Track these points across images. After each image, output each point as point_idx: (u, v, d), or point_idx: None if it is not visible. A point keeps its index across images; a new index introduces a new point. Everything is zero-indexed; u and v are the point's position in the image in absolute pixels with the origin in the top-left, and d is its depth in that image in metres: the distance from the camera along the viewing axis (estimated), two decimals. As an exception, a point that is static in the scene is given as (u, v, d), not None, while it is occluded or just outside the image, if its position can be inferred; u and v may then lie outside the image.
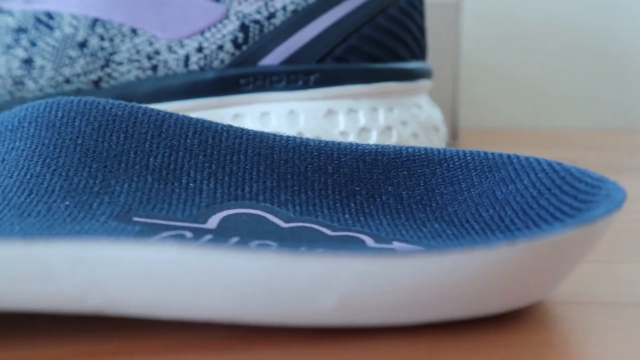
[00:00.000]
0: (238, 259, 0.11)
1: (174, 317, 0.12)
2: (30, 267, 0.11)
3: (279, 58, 0.29)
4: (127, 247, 0.11)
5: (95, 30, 0.29)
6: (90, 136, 0.20)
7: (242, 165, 0.20)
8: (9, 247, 0.11)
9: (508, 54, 0.54)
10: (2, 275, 0.11)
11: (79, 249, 0.11)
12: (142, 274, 0.11)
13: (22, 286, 0.11)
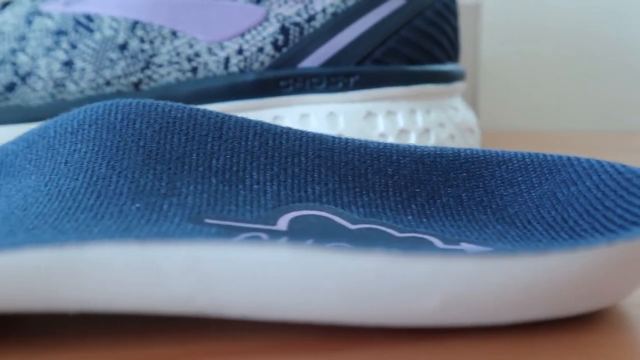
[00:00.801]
0: (350, 260, 0.11)
1: (276, 319, 0.12)
2: (143, 268, 0.11)
3: (318, 60, 0.29)
4: (240, 248, 0.11)
5: (135, 33, 0.29)
6: (151, 138, 0.20)
7: (304, 167, 0.20)
8: (124, 249, 0.11)
9: (527, 55, 0.54)
10: (116, 277, 0.11)
11: (193, 251, 0.11)
12: (252, 276, 0.11)
13: (133, 288, 0.12)
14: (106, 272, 0.12)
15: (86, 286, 0.12)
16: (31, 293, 0.12)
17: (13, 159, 0.21)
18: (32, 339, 0.14)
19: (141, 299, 0.12)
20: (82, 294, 0.12)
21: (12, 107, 0.28)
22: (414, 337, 0.13)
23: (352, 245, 0.17)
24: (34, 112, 0.28)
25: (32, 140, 0.21)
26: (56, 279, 0.12)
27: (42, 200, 0.18)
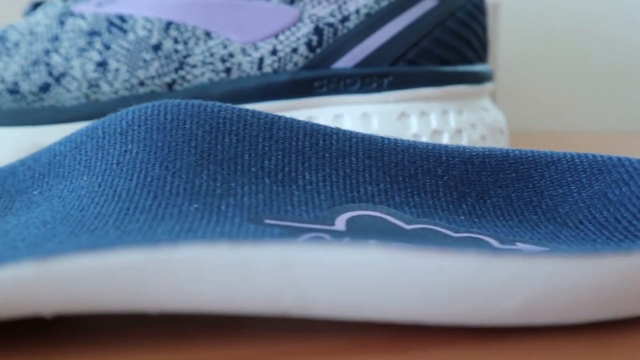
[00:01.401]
0: (438, 260, 0.11)
1: (358, 318, 0.12)
2: (233, 269, 0.11)
3: (352, 61, 0.29)
4: (329, 249, 0.11)
5: (169, 33, 0.29)
6: (202, 139, 0.20)
7: (355, 168, 0.20)
8: (216, 250, 0.11)
9: (544, 56, 0.54)
10: (207, 277, 0.11)
11: (284, 252, 0.11)
12: (341, 275, 0.12)
13: (221, 288, 0.12)
14: (197, 272, 0.12)
15: (177, 287, 0.12)
16: (122, 294, 0.12)
17: (61, 159, 0.21)
18: (102, 339, 0.14)
19: (228, 300, 0.12)
20: (172, 294, 0.12)
21: (46, 107, 0.29)
22: (483, 337, 0.13)
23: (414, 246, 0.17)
24: (68, 113, 0.28)
25: (80, 140, 0.21)
26: (148, 280, 0.12)
27: (98, 201, 0.18)
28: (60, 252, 0.12)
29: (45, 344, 0.14)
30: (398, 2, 0.29)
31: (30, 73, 0.29)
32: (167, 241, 0.12)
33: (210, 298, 0.12)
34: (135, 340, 0.14)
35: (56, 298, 0.12)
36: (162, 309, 0.12)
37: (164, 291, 0.12)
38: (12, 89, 0.28)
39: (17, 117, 0.28)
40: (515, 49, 0.54)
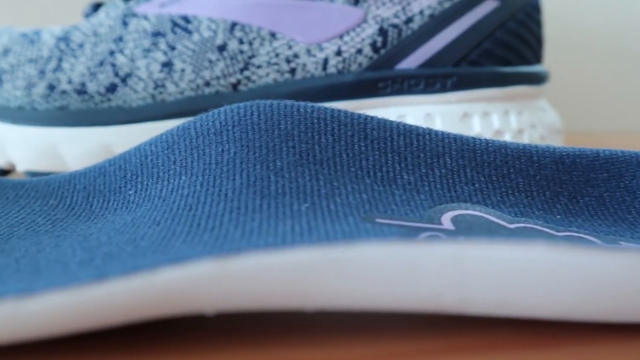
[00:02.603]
0: (604, 258, 0.12)
1: (515, 314, 0.13)
2: (404, 267, 0.12)
3: (416, 62, 0.29)
4: (499, 246, 0.12)
5: (234, 34, 0.29)
6: (299, 139, 0.20)
7: (449, 168, 0.20)
8: (388, 248, 0.12)
9: (575, 56, 0.55)
10: (377, 275, 0.12)
11: (455, 250, 0.12)
12: (505, 272, 0.12)
13: (389, 286, 0.12)
14: (368, 271, 0.12)
15: (346, 285, 0.12)
16: (293, 291, 0.12)
17: (154, 159, 0.21)
18: (213, 338, 0.15)
19: (392, 298, 0.12)
20: (340, 293, 0.12)
21: (113, 108, 0.29)
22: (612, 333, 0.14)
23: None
24: (136, 113, 0.29)
25: (172, 141, 0.21)
26: (320, 278, 0.12)
27: (204, 201, 0.18)
28: (239, 250, 0.12)
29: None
30: (461, 3, 0.29)
31: (96, 74, 0.29)
32: (341, 240, 0.12)
33: (375, 296, 0.12)
34: (231, 340, 0.14)
35: (230, 295, 0.12)
36: (326, 307, 0.12)
37: (332, 289, 0.12)
38: (79, 89, 0.29)
39: (86, 118, 0.28)
40: (546, 49, 0.54)
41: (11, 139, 0.28)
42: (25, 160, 0.28)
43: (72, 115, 0.28)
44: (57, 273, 0.14)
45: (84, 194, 0.21)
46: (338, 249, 0.12)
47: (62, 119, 0.28)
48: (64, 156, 0.28)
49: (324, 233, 0.16)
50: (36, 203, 0.21)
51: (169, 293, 0.11)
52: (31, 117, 0.28)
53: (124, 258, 0.15)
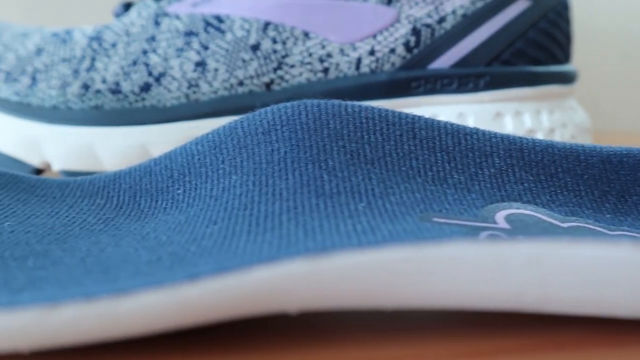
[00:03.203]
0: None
1: (592, 313, 0.13)
2: (491, 266, 0.12)
3: (449, 61, 0.29)
4: (582, 245, 0.12)
5: (267, 33, 0.29)
6: (349, 138, 0.20)
7: (498, 167, 0.20)
8: (476, 247, 0.12)
9: (590, 56, 0.55)
10: (465, 274, 0.12)
11: (539, 248, 0.12)
12: (587, 270, 0.12)
13: (475, 285, 0.12)
14: (457, 269, 0.12)
15: (434, 283, 0.12)
16: (382, 290, 0.12)
17: (201, 159, 0.21)
18: (262, 338, 0.15)
19: (476, 296, 0.12)
20: (428, 291, 0.12)
21: (147, 107, 0.29)
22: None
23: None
24: (170, 113, 0.29)
25: (218, 140, 0.21)
26: (409, 276, 0.12)
27: (259, 200, 0.18)
28: (330, 250, 0.12)
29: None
30: (493, 3, 0.30)
31: (130, 73, 0.29)
32: (432, 238, 0.12)
33: (461, 295, 0.12)
34: (313, 339, 0.15)
35: (319, 295, 0.12)
36: (410, 305, 0.12)
37: (420, 288, 0.12)
38: (113, 89, 0.29)
39: (120, 117, 0.28)
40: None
41: (46, 139, 0.28)
42: (61, 160, 0.28)
43: (107, 115, 0.28)
44: (130, 273, 0.14)
45: (130, 194, 0.21)
46: (429, 248, 0.12)
47: (97, 119, 0.28)
48: (100, 155, 0.28)
49: (387, 232, 0.16)
50: (83, 202, 0.21)
51: (260, 292, 0.11)
52: (66, 116, 0.28)
53: (189, 257, 0.15)
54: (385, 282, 0.12)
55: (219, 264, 0.12)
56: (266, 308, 0.12)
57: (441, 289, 0.12)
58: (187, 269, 0.12)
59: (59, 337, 0.10)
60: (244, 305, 0.11)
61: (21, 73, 0.29)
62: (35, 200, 0.21)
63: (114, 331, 0.11)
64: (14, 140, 0.29)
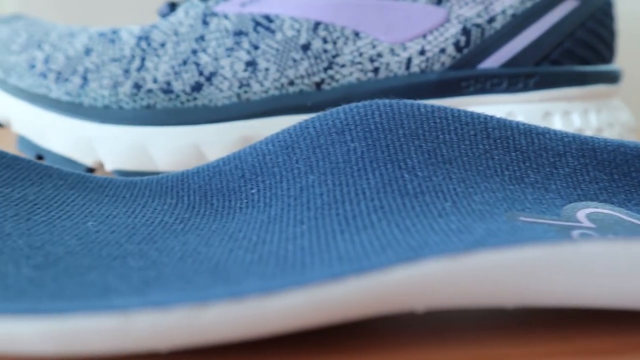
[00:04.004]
0: None
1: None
2: (625, 264, 0.12)
3: (498, 61, 0.29)
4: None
5: (317, 33, 0.29)
6: (424, 138, 0.20)
7: (572, 167, 0.20)
8: (612, 246, 0.12)
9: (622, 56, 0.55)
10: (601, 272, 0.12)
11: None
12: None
13: (610, 284, 0.12)
14: (589, 268, 0.12)
15: (566, 282, 0.12)
16: (517, 288, 0.12)
17: (273, 159, 0.21)
18: (349, 339, 0.15)
19: (608, 294, 0.12)
20: (559, 289, 0.12)
21: (199, 107, 0.29)
22: None
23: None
24: (221, 112, 0.29)
25: (290, 140, 0.21)
26: (545, 274, 0.12)
27: (342, 200, 0.18)
28: (469, 249, 0.12)
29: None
30: (542, 3, 0.30)
31: (181, 73, 0.29)
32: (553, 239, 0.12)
33: (589, 293, 0.12)
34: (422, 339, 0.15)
35: (455, 293, 0.12)
36: (538, 303, 0.12)
37: (553, 286, 0.12)
38: (165, 88, 0.29)
39: (173, 116, 0.28)
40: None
41: (99, 138, 0.28)
42: (114, 159, 0.28)
43: (159, 114, 0.29)
44: (243, 273, 0.14)
45: (200, 193, 0.21)
46: (565, 247, 0.12)
47: (150, 118, 0.28)
48: (153, 155, 0.28)
49: (484, 232, 0.16)
50: (154, 202, 0.21)
51: (399, 291, 0.11)
52: (118, 116, 0.28)
53: (290, 257, 0.15)
54: (518, 281, 0.12)
55: (358, 265, 0.12)
56: (400, 307, 0.12)
57: (571, 288, 0.12)
58: (325, 270, 0.12)
59: (206, 336, 0.11)
60: (379, 304, 0.12)
61: (72, 73, 0.29)
62: (107, 200, 0.21)
63: (259, 329, 0.11)
64: (66, 140, 0.29)
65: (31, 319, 0.10)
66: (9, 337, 0.10)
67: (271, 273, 0.14)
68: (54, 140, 0.29)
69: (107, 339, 0.10)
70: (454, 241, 0.15)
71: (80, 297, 0.12)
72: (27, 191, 0.20)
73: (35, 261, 0.15)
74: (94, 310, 0.10)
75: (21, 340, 0.10)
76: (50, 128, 0.29)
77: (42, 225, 0.18)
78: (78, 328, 0.10)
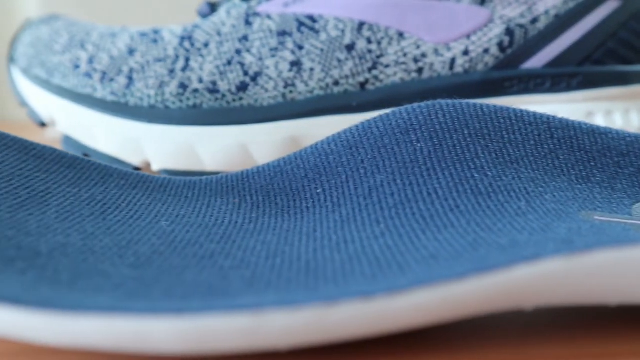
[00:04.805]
0: None
1: None
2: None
3: (541, 61, 0.30)
4: None
5: (362, 33, 0.29)
6: (490, 138, 0.20)
7: (637, 166, 0.20)
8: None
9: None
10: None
11: None
12: None
13: None
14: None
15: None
16: (627, 286, 0.12)
17: (337, 159, 0.21)
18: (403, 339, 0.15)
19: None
20: None
21: (245, 106, 0.29)
22: None
23: None
24: (267, 112, 0.29)
25: (353, 140, 0.21)
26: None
27: (414, 199, 0.19)
28: (588, 248, 0.12)
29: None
30: (585, 3, 0.30)
31: (226, 72, 0.29)
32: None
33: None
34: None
35: (570, 291, 0.12)
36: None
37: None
38: (211, 88, 0.29)
39: (219, 116, 0.29)
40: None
41: (146, 138, 0.28)
42: (161, 159, 0.28)
43: (206, 114, 0.29)
44: (337, 275, 0.14)
45: (263, 193, 0.22)
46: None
47: (196, 118, 0.29)
48: (201, 155, 0.28)
49: (567, 231, 0.16)
50: (217, 202, 0.21)
51: (519, 289, 0.12)
52: (165, 115, 0.29)
53: (380, 256, 0.15)
54: (629, 279, 0.12)
55: (479, 263, 0.12)
56: (515, 304, 0.12)
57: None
58: (448, 268, 0.12)
59: (333, 334, 0.11)
60: (499, 302, 0.12)
61: (117, 73, 0.29)
62: (171, 200, 0.21)
63: (385, 327, 0.11)
64: (113, 140, 0.29)
65: (164, 318, 0.10)
66: (141, 335, 0.10)
67: (370, 273, 0.14)
68: (101, 140, 0.29)
69: (237, 338, 0.10)
70: (542, 240, 0.15)
71: (191, 296, 0.12)
72: (94, 191, 0.21)
73: (129, 260, 0.15)
74: (226, 310, 0.10)
75: (153, 339, 0.10)
76: (97, 127, 0.29)
77: (118, 225, 0.18)
78: (211, 327, 0.10)
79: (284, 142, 0.29)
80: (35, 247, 0.15)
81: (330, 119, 0.29)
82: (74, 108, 0.30)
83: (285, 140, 0.29)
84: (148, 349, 0.11)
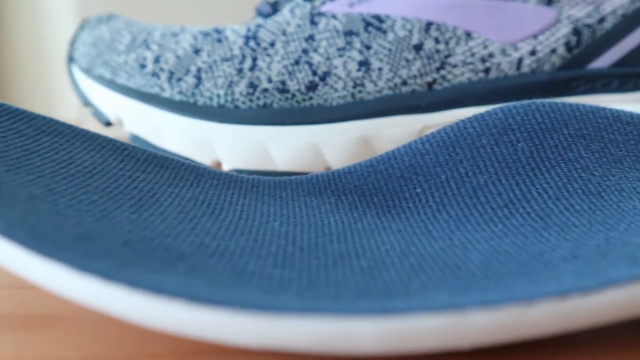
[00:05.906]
0: None
1: None
2: None
3: (608, 61, 0.30)
4: None
5: (430, 33, 0.29)
6: (590, 138, 0.20)
7: None
8: None
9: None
10: None
11: None
12: None
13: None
14: None
15: None
16: None
17: (433, 158, 0.21)
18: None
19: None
20: None
21: (315, 106, 0.29)
22: None
23: None
24: (337, 112, 0.29)
25: (448, 140, 0.21)
26: None
27: (524, 198, 0.19)
28: None
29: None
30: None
31: (294, 72, 0.29)
32: None
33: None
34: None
35: None
36: None
37: None
38: (280, 88, 0.29)
39: (290, 116, 0.29)
40: None
41: (217, 138, 0.28)
42: (233, 159, 0.28)
43: (277, 114, 0.29)
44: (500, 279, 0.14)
45: (358, 193, 0.22)
46: None
47: (267, 118, 0.29)
48: (273, 154, 0.28)
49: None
50: (312, 202, 0.21)
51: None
52: (235, 115, 0.29)
53: (523, 255, 0.15)
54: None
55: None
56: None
57: None
58: (617, 268, 0.12)
59: (528, 332, 0.11)
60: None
61: (185, 73, 0.29)
62: (267, 200, 0.21)
63: (574, 325, 0.11)
64: (184, 139, 0.29)
65: (366, 319, 0.10)
66: (344, 336, 0.10)
67: (517, 272, 0.14)
68: (171, 139, 0.29)
69: (438, 337, 0.10)
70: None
71: (366, 298, 0.13)
72: (193, 191, 0.20)
73: (269, 261, 0.15)
74: (428, 310, 0.11)
75: (354, 339, 0.10)
76: (165, 127, 0.29)
77: (232, 225, 0.18)
78: (413, 327, 0.10)
79: (355, 141, 0.29)
80: (177, 248, 0.15)
81: (400, 119, 0.29)
82: (141, 107, 0.30)
83: (356, 139, 0.29)
84: (345, 350, 0.11)
